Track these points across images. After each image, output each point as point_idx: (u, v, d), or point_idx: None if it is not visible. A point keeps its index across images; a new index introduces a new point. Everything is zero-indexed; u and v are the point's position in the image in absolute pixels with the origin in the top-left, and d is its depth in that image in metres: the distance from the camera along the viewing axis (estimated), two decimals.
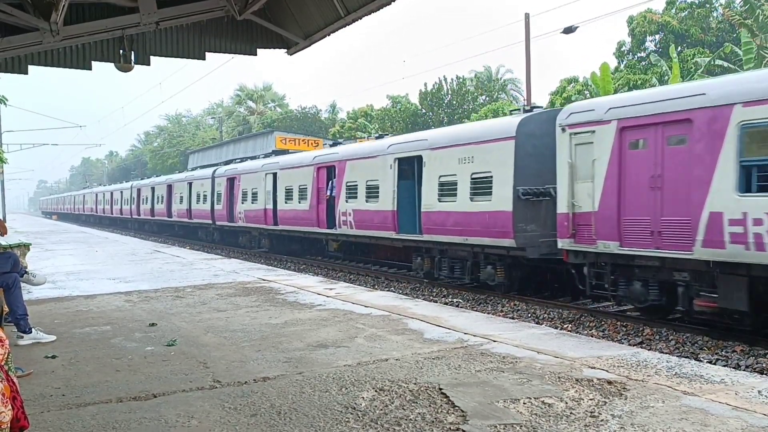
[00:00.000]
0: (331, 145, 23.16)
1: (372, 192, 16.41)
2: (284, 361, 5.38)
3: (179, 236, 34.92)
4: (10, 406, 2.99)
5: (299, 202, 20.38)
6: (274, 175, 22.31)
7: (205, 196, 28.92)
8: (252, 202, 24.15)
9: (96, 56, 8.23)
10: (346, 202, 17.55)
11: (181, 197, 32.07)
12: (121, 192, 46.76)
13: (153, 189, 37.73)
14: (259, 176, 23.71)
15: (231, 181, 26.55)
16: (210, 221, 28.45)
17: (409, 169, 15.46)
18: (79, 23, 7.66)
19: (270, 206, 22.53)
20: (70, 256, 16.86)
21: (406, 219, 15.21)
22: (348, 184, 17.52)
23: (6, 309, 6.16)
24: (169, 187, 34.35)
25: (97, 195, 57.55)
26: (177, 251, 19.12)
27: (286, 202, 21.35)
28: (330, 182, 18.49)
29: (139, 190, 40.95)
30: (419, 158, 14.75)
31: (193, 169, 37.04)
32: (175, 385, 4.73)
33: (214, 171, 28.91)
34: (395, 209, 15.37)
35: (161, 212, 35.83)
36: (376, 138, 19.33)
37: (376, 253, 19.25)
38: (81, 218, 66.83)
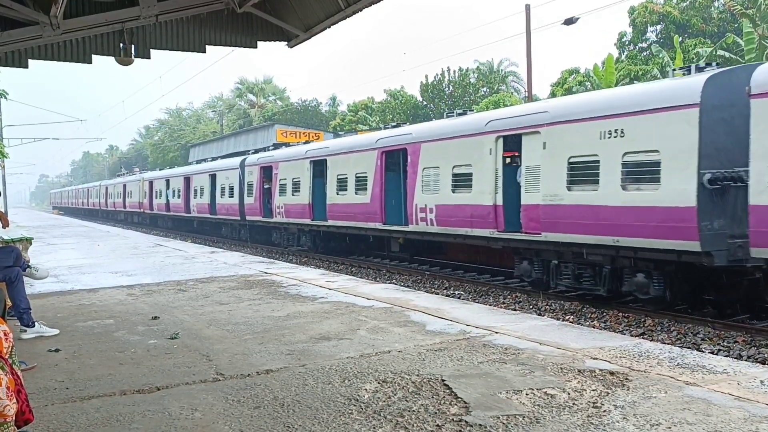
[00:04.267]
0: (333, 137, 24.27)
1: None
2: (287, 353, 5.39)
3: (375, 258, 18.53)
4: (14, 399, 3.00)
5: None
6: None
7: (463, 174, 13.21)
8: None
9: (96, 50, 8.22)
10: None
11: (438, 178, 13.92)
12: (212, 176, 27.18)
13: (311, 164, 19.38)
14: None
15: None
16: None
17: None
18: (79, 17, 7.64)
19: None
20: (72, 250, 16.88)
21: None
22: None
23: (9, 303, 6.17)
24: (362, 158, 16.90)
25: (152, 183, 35.94)
26: (179, 245, 19.14)
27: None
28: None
29: (264, 170, 22.55)
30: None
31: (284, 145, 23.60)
32: (178, 378, 4.74)
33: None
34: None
35: (343, 211, 17.63)
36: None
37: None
38: (118, 218, 46.03)
